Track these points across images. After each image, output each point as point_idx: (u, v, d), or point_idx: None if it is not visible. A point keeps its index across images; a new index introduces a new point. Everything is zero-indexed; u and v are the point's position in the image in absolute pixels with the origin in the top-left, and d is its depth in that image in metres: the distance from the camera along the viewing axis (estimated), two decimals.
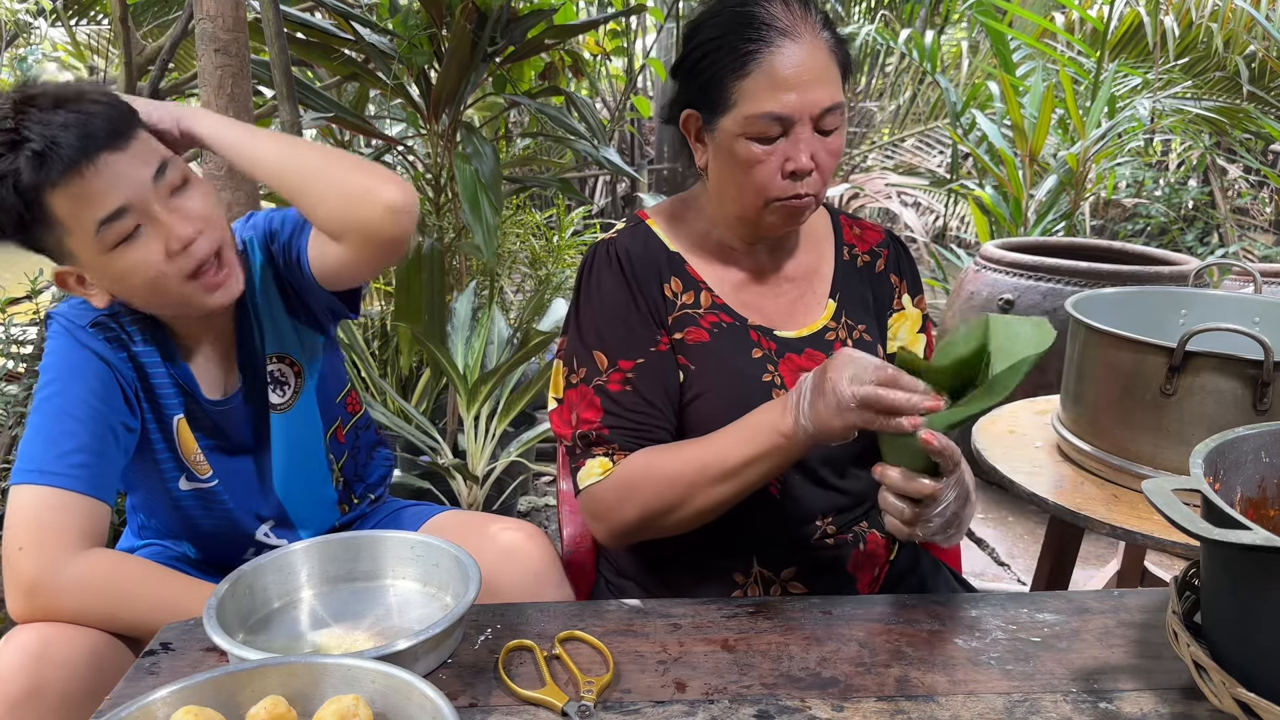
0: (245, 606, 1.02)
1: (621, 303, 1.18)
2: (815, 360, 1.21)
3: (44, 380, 1.14)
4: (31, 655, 1.01)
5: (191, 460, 1.25)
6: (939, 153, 6.85)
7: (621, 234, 1.24)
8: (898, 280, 1.32)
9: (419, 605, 1.07)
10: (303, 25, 2.74)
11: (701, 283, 1.21)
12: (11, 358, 2.18)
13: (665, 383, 1.17)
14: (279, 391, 1.31)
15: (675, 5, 4.94)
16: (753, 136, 1.10)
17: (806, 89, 1.07)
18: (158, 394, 1.21)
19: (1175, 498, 0.76)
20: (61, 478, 1.08)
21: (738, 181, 1.14)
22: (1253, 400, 1.30)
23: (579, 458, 1.17)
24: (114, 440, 1.15)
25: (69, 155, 1.02)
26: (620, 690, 0.89)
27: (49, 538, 1.06)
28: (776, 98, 1.07)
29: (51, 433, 1.11)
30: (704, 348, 1.18)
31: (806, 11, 1.10)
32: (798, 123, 1.09)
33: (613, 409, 1.15)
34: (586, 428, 1.15)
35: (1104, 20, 4.50)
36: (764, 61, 1.07)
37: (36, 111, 1.04)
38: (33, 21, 5.24)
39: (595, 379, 1.16)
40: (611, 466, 1.14)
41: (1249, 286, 2.37)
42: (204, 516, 1.30)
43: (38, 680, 0.99)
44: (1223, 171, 6.65)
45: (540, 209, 5.13)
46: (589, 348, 1.17)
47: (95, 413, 1.13)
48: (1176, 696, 0.88)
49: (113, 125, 1.06)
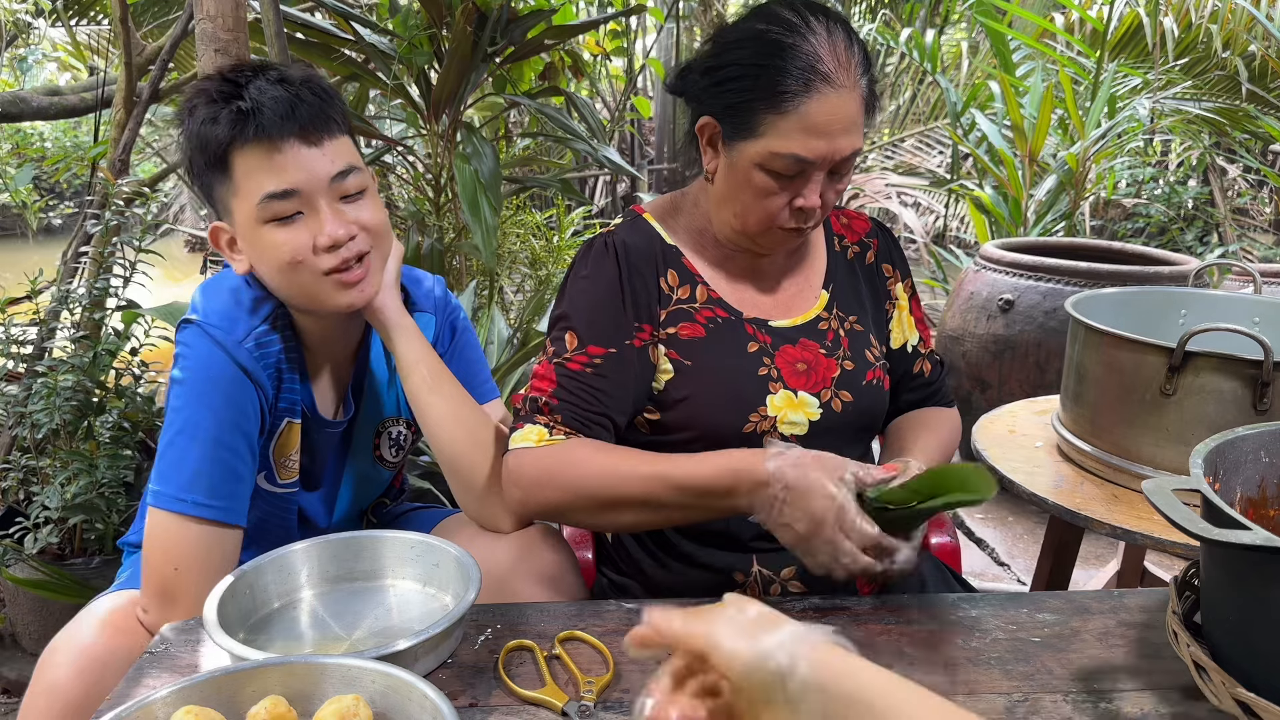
0: (246, 606, 1.02)
1: (609, 293, 1.18)
2: (809, 349, 1.21)
3: (191, 395, 1.13)
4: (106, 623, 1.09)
5: (281, 462, 1.26)
6: (939, 153, 6.85)
7: (619, 227, 1.24)
8: (891, 270, 1.34)
9: (419, 605, 1.07)
10: (303, 25, 2.74)
11: (698, 276, 1.22)
12: (11, 358, 2.18)
13: (629, 379, 1.17)
14: (393, 451, 1.38)
15: (675, 5, 4.94)
16: (771, 170, 1.10)
17: (835, 138, 1.07)
18: (282, 404, 1.23)
19: (1175, 498, 0.77)
20: (206, 509, 1.11)
21: (744, 203, 1.14)
22: (1253, 400, 1.30)
23: (519, 419, 1.16)
24: (247, 463, 1.17)
25: (264, 125, 1.09)
26: (620, 690, 0.89)
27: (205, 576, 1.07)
28: (805, 143, 1.07)
29: (194, 460, 1.11)
30: (700, 343, 1.19)
31: (850, 55, 1.08)
32: (818, 167, 1.09)
33: (566, 384, 1.14)
34: (536, 394, 1.15)
35: (1104, 21, 4.50)
36: (801, 105, 1.06)
37: (263, 81, 1.11)
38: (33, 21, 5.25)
39: (559, 356, 1.16)
40: (547, 437, 1.12)
41: (1249, 286, 2.37)
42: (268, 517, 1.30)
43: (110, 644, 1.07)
44: (1222, 171, 6.65)
45: (540, 209, 5.13)
46: (564, 329, 1.18)
47: (240, 437, 1.15)
48: (1176, 696, 0.88)
49: (315, 118, 1.12)
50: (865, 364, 1.25)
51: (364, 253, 1.16)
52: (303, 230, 1.12)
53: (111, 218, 2.23)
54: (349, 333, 1.29)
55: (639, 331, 1.18)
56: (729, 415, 1.17)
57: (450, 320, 1.38)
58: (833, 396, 1.21)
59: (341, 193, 1.14)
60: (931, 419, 1.34)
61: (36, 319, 2.29)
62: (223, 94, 1.10)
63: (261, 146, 1.09)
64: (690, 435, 1.18)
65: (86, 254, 2.50)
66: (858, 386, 1.23)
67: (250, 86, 1.10)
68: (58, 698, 1.04)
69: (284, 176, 1.10)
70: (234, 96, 1.10)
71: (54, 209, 7.97)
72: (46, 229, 8.69)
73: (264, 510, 1.27)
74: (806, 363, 1.21)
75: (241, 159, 1.10)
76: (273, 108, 1.09)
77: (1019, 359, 2.86)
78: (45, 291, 2.30)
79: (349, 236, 1.13)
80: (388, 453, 1.38)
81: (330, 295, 1.15)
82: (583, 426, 1.14)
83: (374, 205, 1.19)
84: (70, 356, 2.16)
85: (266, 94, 1.09)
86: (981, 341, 2.95)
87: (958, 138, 4.82)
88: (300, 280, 1.14)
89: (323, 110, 1.13)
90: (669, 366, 1.18)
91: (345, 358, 1.31)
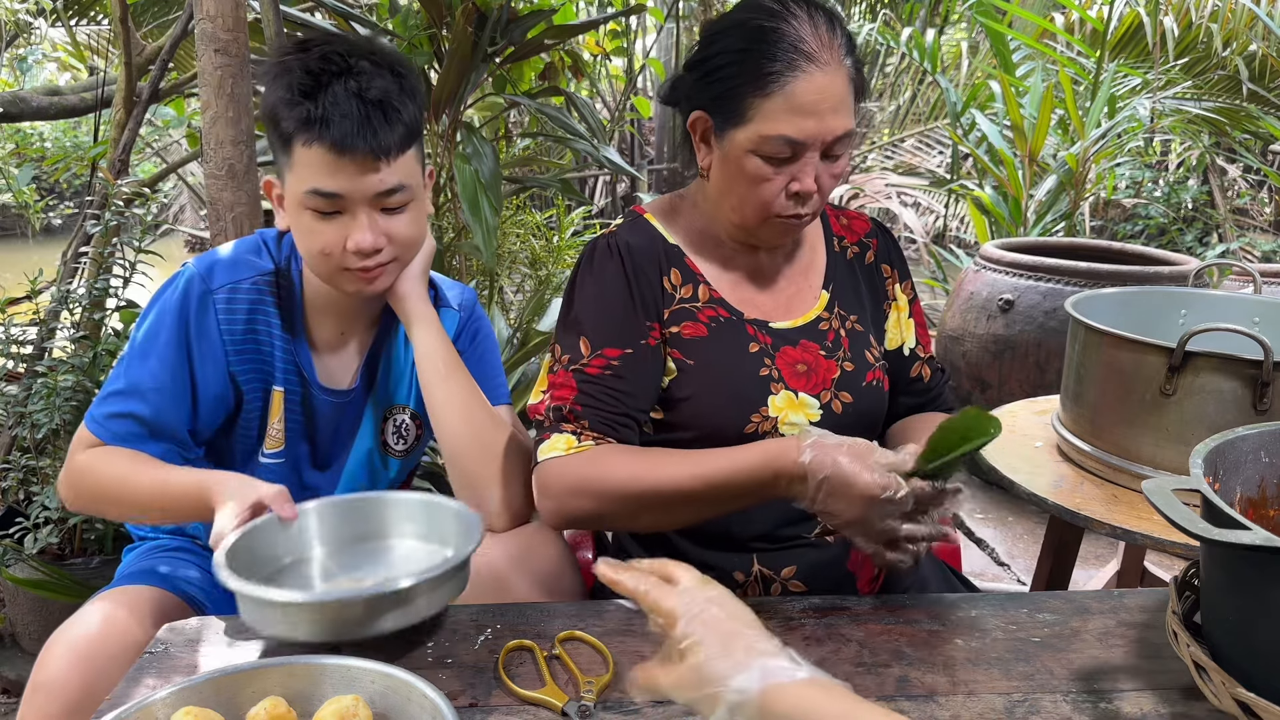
0: (255, 562, 1.02)
1: (618, 294, 1.18)
2: (810, 351, 1.22)
3: (147, 329, 1.23)
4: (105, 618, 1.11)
5: (268, 432, 1.29)
6: (939, 153, 6.85)
7: (621, 228, 1.24)
8: (890, 271, 1.34)
9: (424, 559, 1.09)
10: (303, 25, 2.74)
11: (700, 276, 1.22)
12: (11, 358, 2.18)
13: (647, 377, 1.17)
14: (396, 440, 1.39)
15: (675, 5, 4.95)
16: (763, 155, 1.10)
17: (824, 117, 1.08)
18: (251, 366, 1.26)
19: (1175, 498, 0.76)
20: (106, 434, 1.21)
21: (740, 193, 1.14)
22: (1253, 400, 1.30)
23: (545, 430, 1.16)
24: (178, 410, 1.22)
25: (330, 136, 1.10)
26: (620, 690, 0.89)
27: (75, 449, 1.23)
28: (794, 123, 1.07)
29: (119, 389, 1.22)
30: (702, 342, 1.19)
31: (833, 36, 1.09)
32: (810, 148, 1.09)
33: (588, 389, 1.15)
34: (559, 403, 1.15)
35: (1104, 20, 4.50)
36: (786, 84, 1.07)
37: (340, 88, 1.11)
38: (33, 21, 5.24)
39: (576, 363, 1.16)
40: (576, 444, 1.12)
41: (1249, 286, 2.37)
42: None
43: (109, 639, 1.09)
44: (1222, 171, 6.65)
45: (540, 209, 5.13)
46: (576, 334, 1.18)
47: (174, 376, 1.21)
48: (1176, 696, 0.88)
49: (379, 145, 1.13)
50: (865, 365, 1.25)
51: (388, 261, 1.20)
52: (337, 228, 1.16)
53: (111, 218, 2.23)
54: (361, 306, 1.31)
55: (651, 330, 1.18)
56: (730, 415, 1.17)
57: (474, 326, 1.40)
58: (833, 398, 1.21)
59: (383, 205, 1.17)
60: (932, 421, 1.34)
61: (36, 319, 2.29)
62: (302, 88, 1.11)
63: (324, 149, 1.11)
64: (693, 434, 1.18)
65: (86, 254, 2.50)
66: (857, 388, 1.23)
67: (328, 92, 1.11)
68: (56, 693, 1.04)
69: (334, 182, 1.13)
70: (309, 96, 1.11)
71: (54, 209, 7.97)
72: (46, 229, 8.68)
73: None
74: (806, 364, 1.21)
75: (303, 149, 1.13)
76: (341, 125, 1.10)
77: (1019, 359, 2.86)
78: (45, 291, 2.30)
79: (375, 249, 1.17)
80: (392, 439, 1.38)
81: (343, 283, 1.21)
82: (610, 430, 1.14)
83: (412, 217, 1.21)
84: (70, 356, 2.16)
85: (339, 108, 1.10)
86: (981, 341, 2.95)
87: (958, 138, 4.82)
88: (321, 264, 1.20)
89: (389, 133, 1.13)
90: (672, 366, 1.19)
91: (360, 328, 1.33)
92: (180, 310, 1.22)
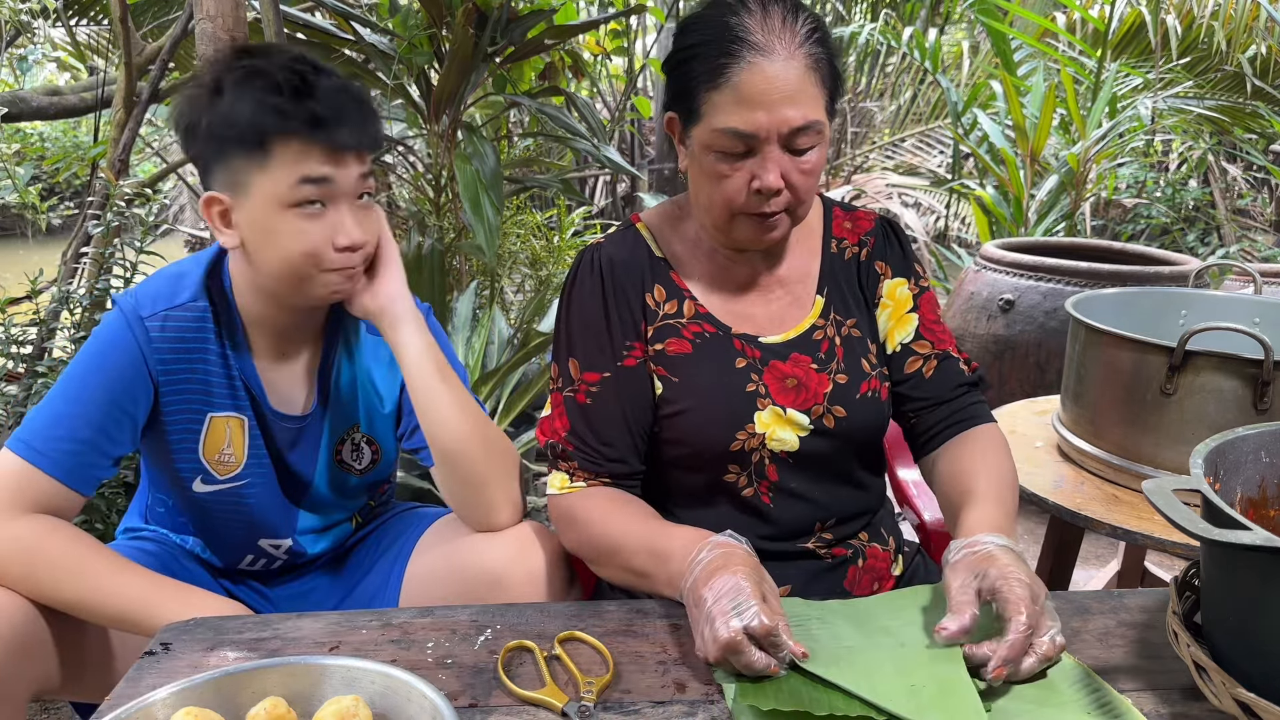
0: None
1: (594, 314, 1.18)
2: (800, 365, 1.18)
3: (77, 357, 1.19)
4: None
5: (213, 460, 1.25)
6: (939, 153, 6.85)
7: (610, 239, 1.23)
8: (883, 267, 1.26)
9: None
10: (303, 25, 2.74)
11: (685, 291, 1.20)
12: (11, 358, 2.18)
13: (630, 400, 1.17)
14: (355, 458, 1.37)
15: (675, 5, 4.95)
16: (717, 150, 1.08)
17: (775, 108, 1.04)
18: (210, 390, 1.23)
19: (1175, 498, 0.76)
20: (42, 458, 1.13)
21: (707, 191, 1.12)
22: (1253, 400, 1.30)
23: (549, 463, 1.20)
24: (113, 438, 1.17)
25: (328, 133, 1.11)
26: (620, 690, 0.89)
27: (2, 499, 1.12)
28: (741, 115, 1.05)
29: (56, 414, 1.16)
30: (686, 359, 1.17)
31: (786, 25, 1.06)
32: (765, 141, 1.06)
33: (576, 425, 1.17)
34: (555, 439, 1.18)
35: (1105, 20, 4.50)
36: (732, 77, 1.04)
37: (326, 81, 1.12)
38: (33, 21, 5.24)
39: (567, 388, 1.18)
40: (569, 484, 1.16)
41: (1249, 287, 2.37)
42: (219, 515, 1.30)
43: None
44: (1223, 172, 6.65)
45: (541, 209, 5.13)
46: (566, 354, 1.19)
47: (106, 408, 1.16)
48: (1176, 696, 0.88)
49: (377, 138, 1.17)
50: (860, 375, 1.20)
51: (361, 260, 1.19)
52: (322, 224, 1.14)
53: (112, 218, 2.23)
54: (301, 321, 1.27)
55: (630, 351, 1.18)
56: (716, 432, 1.15)
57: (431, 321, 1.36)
58: (825, 413, 1.17)
59: (359, 195, 1.17)
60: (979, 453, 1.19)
61: (36, 319, 2.29)
62: (290, 85, 1.10)
63: (315, 142, 1.11)
64: (683, 451, 1.18)
65: (87, 254, 2.51)
66: (851, 401, 1.18)
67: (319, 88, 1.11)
68: None
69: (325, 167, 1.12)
70: (303, 94, 1.10)
71: (54, 209, 7.97)
72: (46, 229, 8.69)
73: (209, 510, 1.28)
74: (797, 379, 1.18)
75: (285, 145, 1.10)
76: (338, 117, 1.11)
77: (1019, 359, 2.86)
78: (45, 292, 2.30)
79: (364, 243, 1.16)
80: (349, 456, 1.36)
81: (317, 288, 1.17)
82: (599, 468, 1.16)
83: (377, 211, 1.22)
84: (70, 357, 2.16)
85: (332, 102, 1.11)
86: (982, 341, 2.95)
87: (959, 137, 4.82)
88: (303, 269, 1.15)
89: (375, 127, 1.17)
90: (659, 383, 1.18)
91: (305, 347, 1.29)
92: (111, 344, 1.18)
